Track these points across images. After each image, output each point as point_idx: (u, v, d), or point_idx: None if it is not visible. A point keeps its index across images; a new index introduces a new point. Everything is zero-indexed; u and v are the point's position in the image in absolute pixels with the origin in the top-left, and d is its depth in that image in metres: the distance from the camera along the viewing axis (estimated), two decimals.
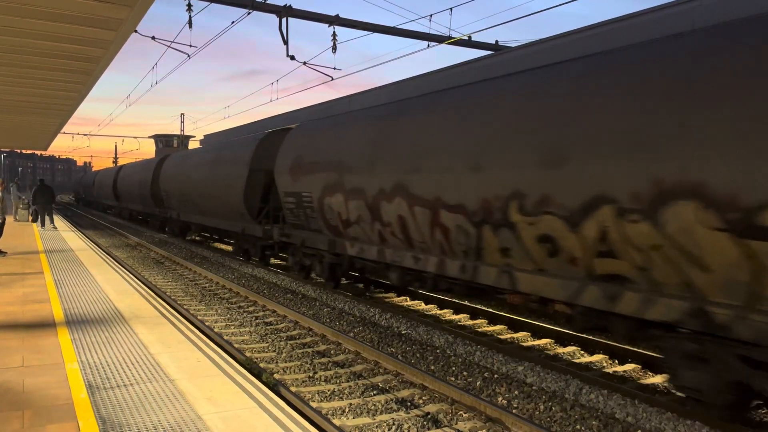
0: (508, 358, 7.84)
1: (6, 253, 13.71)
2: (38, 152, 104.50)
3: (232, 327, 9.82)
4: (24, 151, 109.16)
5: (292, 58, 15.07)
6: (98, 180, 44.54)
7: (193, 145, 43.24)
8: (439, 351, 8.40)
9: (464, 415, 5.98)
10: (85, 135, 56.81)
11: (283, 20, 14.27)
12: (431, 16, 15.01)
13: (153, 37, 15.70)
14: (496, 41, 17.38)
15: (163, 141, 41.99)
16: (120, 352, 5.89)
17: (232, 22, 14.12)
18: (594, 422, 5.91)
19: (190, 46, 15.65)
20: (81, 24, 7.09)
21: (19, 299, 8.53)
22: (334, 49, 15.22)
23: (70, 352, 5.85)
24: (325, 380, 7.10)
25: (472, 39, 16.55)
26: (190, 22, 13.90)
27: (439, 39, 16.09)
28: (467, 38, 16.27)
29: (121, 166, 37.91)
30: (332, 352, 8.36)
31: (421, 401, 6.43)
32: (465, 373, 7.46)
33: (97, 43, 7.97)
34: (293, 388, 6.66)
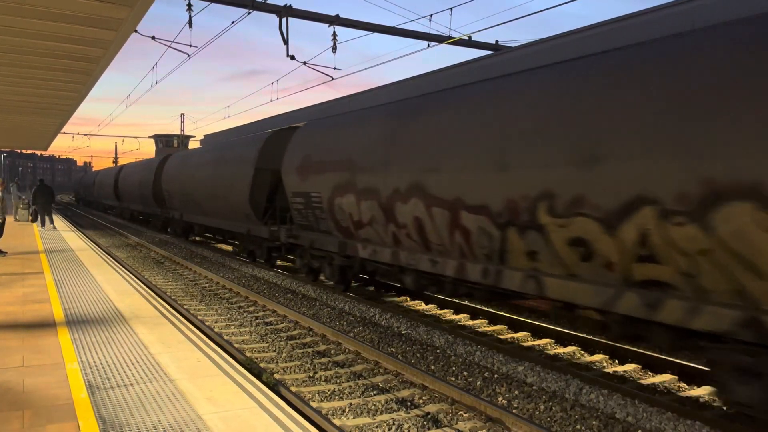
0: (509, 358, 7.84)
1: (6, 253, 13.72)
2: (38, 152, 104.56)
3: (233, 327, 9.82)
4: (24, 151, 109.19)
5: (293, 58, 15.08)
6: (99, 180, 44.36)
7: (193, 145, 43.28)
8: (439, 351, 8.40)
9: (464, 415, 5.99)
10: (85, 135, 56.86)
11: (283, 20, 14.27)
12: (431, 16, 15.02)
13: (153, 37, 15.72)
14: (496, 41, 17.39)
15: (163, 141, 42.03)
16: (120, 352, 5.89)
17: (232, 22, 14.13)
18: (594, 422, 5.91)
19: (190, 46, 15.66)
20: (81, 24, 7.10)
21: (20, 299, 8.54)
22: (334, 49, 15.23)
23: (71, 352, 5.85)
24: (326, 380, 7.11)
25: (472, 39, 16.56)
26: (190, 22, 13.90)
27: (439, 39, 16.10)
28: (467, 38, 16.27)
29: (122, 166, 37.69)
30: (332, 352, 8.36)
31: (421, 401, 6.43)
32: (465, 373, 7.46)
33: (97, 43, 7.98)
34: (293, 388, 6.66)
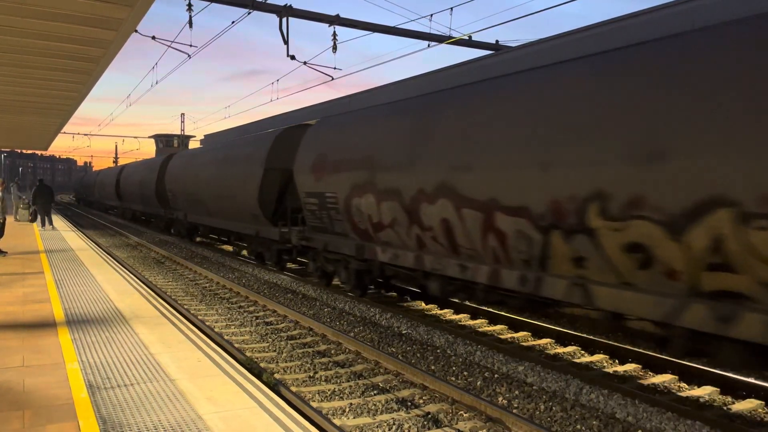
0: (509, 358, 7.84)
1: (6, 252, 13.72)
2: (38, 152, 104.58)
3: (233, 327, 9.82)
4: (24, 151, 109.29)
5: (293, 57, 15.08)
6: (100, 180, 44.02)
7: (193, 144, 43.34)
8: (439, 351, 8.40)
9: (465, 415, 5.99)
10: (85, 135, 56.86)
11: (284, 20, 14.28)
12: (431, 15, 15.02)
13: (153, 37, 15.73)
14: (497, 41, 17.40)
15: (163, 141, 42.09)
16: (120, 352, 5.89)
17: (233, 22, 14.13)
18: (594, 422, 5.91)
19: (190, 45, 15.68)
20: (81, 24, 7.11)
21: (20, 299, 8.54)
22: (334, 48, 15.23)
23: (71, 352, 5.86)
24: (326, 380, 7.11)
25: (473, 39, 16.57)
26: (190, 22, 13.91)
27: (440, 39, 16.10)
28: (467, 38, 16.28)
29: (124, 166, 37.34)
30: (332, 351, 8.36)
31: (421, 401, 6.43)
32: (465, 373, 7.46)
33: (98, 43, 7.98)
34: (293, 388, 6.66)
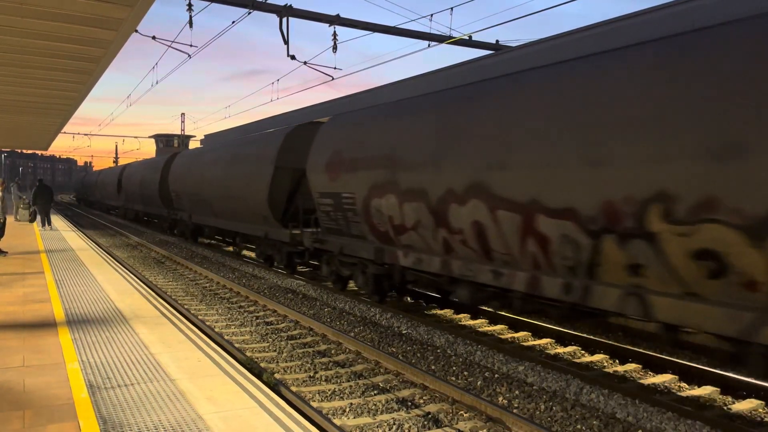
0: (509, 358, 7.84)
1: (7, 252, 13.72)
2: (39, 152, 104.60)
3: (233, 327, 9.82)
4: (24, 151, 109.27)
5: (293, 57, 15.07)
6: (101, 180, 43.84)
7: (193, 144, 43.30)
8: (439, 351, 8.40)
9: (465, 415, 5.99)
10: (85, 135, 56.81)
11: (284, 20, 14.27)
12: (432, 15, 15.02)
13: (153, 37, 15.72)
14: (497, 41, 17.40)
15: (163, 141, 42.05)
16: (121, 352, 5.89)
17: (233, 22, 14.13)
18: (595, 422, 5.91)
19: (190, 45, 15.65)
20: (81, 24, 7.11)
21: (20, 299, 8.54)
22: (334, 48, 15.23)
23: (71, 352, 5.86)
24: (326, 380, 7.11)
25: (473, 39, 16.56)
26: (190, 22, 13.90)
27: (440, 39, 16.10)
28: (468, 38, 16.28)
29: (126, 165, 37.16)
30: (333, 351, 8.36)
31: (421, 401, 6.43)
32: (465, 373, 7.46)
33: (98, 43, 7.98)
34: (294, 388, 6.66)
